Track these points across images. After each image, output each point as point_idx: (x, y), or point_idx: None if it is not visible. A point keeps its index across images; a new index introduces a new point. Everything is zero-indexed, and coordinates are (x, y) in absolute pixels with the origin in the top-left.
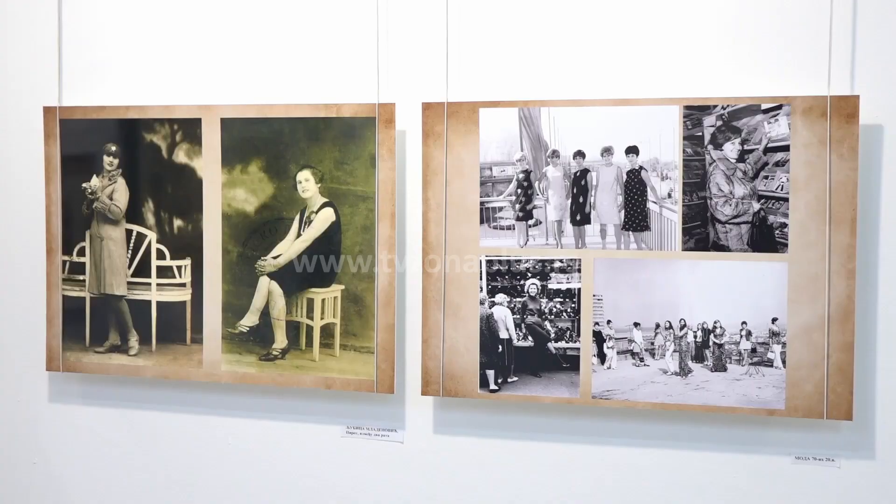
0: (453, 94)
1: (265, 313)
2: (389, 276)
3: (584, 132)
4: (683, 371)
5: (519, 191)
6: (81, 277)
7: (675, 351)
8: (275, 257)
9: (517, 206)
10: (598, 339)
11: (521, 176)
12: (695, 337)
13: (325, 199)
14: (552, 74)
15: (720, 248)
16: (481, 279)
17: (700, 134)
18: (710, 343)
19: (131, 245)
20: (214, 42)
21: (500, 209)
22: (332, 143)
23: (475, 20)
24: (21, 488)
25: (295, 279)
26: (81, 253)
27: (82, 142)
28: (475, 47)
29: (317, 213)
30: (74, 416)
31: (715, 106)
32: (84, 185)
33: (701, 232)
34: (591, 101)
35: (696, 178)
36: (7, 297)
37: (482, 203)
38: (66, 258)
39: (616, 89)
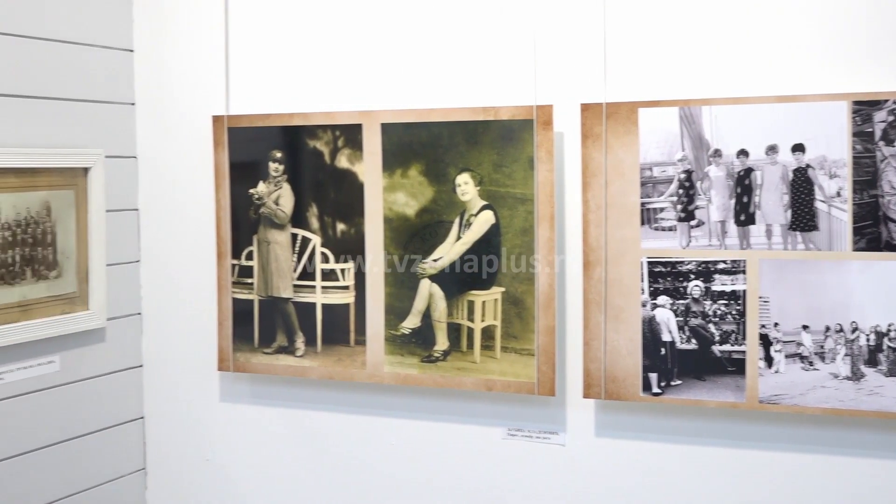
0: (611, 95)
1: (426, 315)
2: (549, 278)
3: (748, 130)
4: (856, 375)
5: (680, 191)
6: (250, 280)
7: (846, 355)
8: (435, 260)
9: (679, 206)
10: (765, 342)
11: (682, 176)
12: (867, 340)
13: (485, 202)
14: (713, 72)
15: (894, 248)
16: (643, 281)
17: (870, 130)
18: (884, 346)
19: (296, 249)
20: (374, 49)
21: (661, 210)
22: (490, 146)
23: (632, 19)
24: (195, 483)
25: (455, 282)
26: (249, 257)
27: (249, 149)
28: (633, 46)
29: (476, 215)
30: (244, 414)
31: (886, 100)
32: (251, 191)
33: (873, 231)
34: (755, 99)
35: (866, 176)
36: (180, 299)
37: (643, 204)
38: (235, 262)
39: (780, 86)
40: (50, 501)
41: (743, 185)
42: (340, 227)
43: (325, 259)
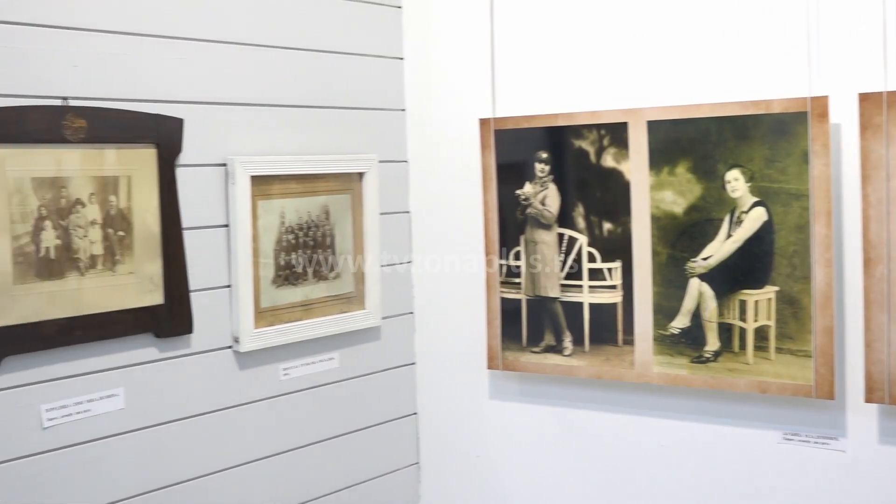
0: (892, 83)
1: (696, 315)
2: (827, 276)
3: None
4: None
5: None
6: (517, 280)
7: None
8: (705, 258)
9: None
10: None
11: None
12: None
13: (756, 199)
14: None
15: None
16: None
17: None
18: None
19: (563, 248)
20: (638, 45)
21: None
22: (761, 140)
23: None
24: (466, 478)
25: (726, 280)
26: (517, 257)
27: (515, 151)
28: None
29: (747, 212)
30: (513, 412)
31: None
32: (518, 191)
33: None
34: None
35: None
36: (450, 299)
37: None
38: (503, 262)
39: None
40: (329, 492)
41: None
42: (607, 226)
43: (592, 258)
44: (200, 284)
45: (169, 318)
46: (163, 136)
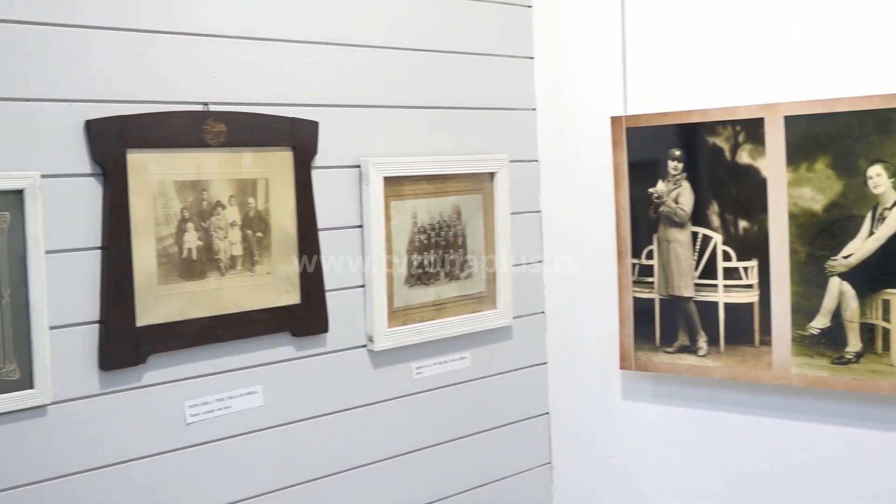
0: None
1: (836, 315)
2: None
3: None
4: None
5: None
6: (650, 279)
7: None
8: (846, 257)
9: None
10: None
11: None
12: None
13: None
14: None
15: None
16: None
17: None
18: None
19: (697, 247)
20: (773, 38)
21: None
22: None
23: None
24: (599, 480)
25: (868, 279)
26: (649, 256)
27: (647, 148)
28: None
29: (890, 209)
30: (646, 413)
31: None
32: (650, 190)
33: None
34: None
35: None
36: (582, 298)
37: None
38: (636, 261)
39: None
40: (461, 490)
41: None
42: (742, 224)
43: (727, 257)
44: (335, 284)
45: (305, 318)
46: (299, 138)
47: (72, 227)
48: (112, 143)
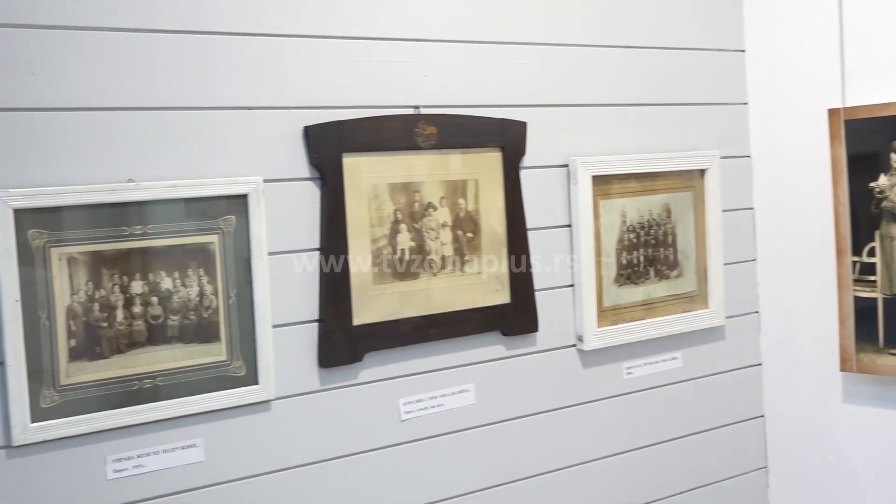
0: None
1: None
2: None
3: None
4: None
5: None
6: (872, 278)
7: None
8: None
9: None
10: None
11: None
12: None
13: None
14: None
15: None
16: None
17: None
18: None
19: None
20: None
21: None
22: None
23: None
24: (818, 485)
25: None
26: (871, 253)
27: (867, 141)
28: None
29: None
30: (868, 417)
31: None
32: (871, 184)
33: None
34: None
35: None
36: (798, 297)
37: None
38: (856, 259)
39: None
40: (674, 493)
41: None
42: None
43: None
44: (544, 284)
45: (515, 317)
46: (507, 139)
47: (292, 229)
48: (329, 147)
